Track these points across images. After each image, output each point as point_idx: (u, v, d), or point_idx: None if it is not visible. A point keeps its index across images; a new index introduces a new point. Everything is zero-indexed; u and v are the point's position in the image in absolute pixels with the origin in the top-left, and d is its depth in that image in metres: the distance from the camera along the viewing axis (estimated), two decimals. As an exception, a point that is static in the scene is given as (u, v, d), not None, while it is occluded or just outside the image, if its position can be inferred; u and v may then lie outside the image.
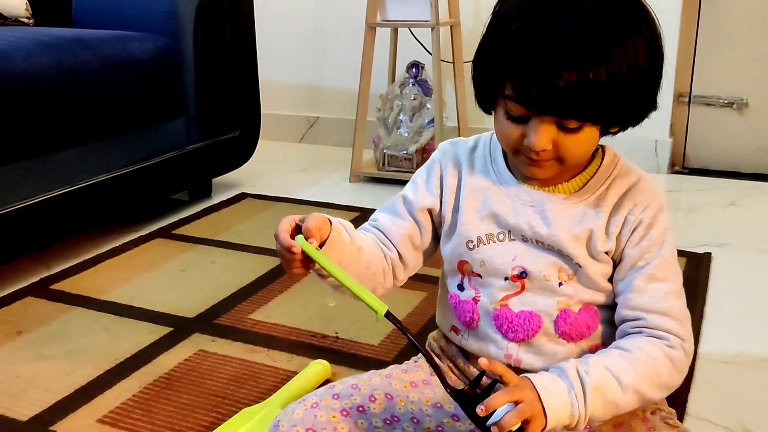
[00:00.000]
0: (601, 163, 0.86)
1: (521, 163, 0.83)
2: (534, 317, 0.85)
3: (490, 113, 0.84)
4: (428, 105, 2.35)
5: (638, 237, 0.83)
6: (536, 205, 0.85)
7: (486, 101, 0.83)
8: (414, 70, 2.39)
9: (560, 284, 0.85)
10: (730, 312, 1.45)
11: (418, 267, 0.95)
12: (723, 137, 2.45)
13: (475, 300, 0.88)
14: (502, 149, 0.88)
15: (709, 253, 1.72)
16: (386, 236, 0.92)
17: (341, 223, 0.85)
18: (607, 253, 0.84)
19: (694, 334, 1.31)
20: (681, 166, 2.50)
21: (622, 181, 0.85)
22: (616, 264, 0.85)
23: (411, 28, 2.46)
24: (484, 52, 0.81)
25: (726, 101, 2.42)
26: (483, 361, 0.75)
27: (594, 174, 0.86)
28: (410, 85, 2.38)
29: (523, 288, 0.86)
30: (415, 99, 2.35)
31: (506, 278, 0.86)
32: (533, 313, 0.85)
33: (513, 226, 0.86)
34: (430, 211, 0.92)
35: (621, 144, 0.88)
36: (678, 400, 1.12)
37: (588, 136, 0.79)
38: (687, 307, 0.85)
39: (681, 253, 1.71)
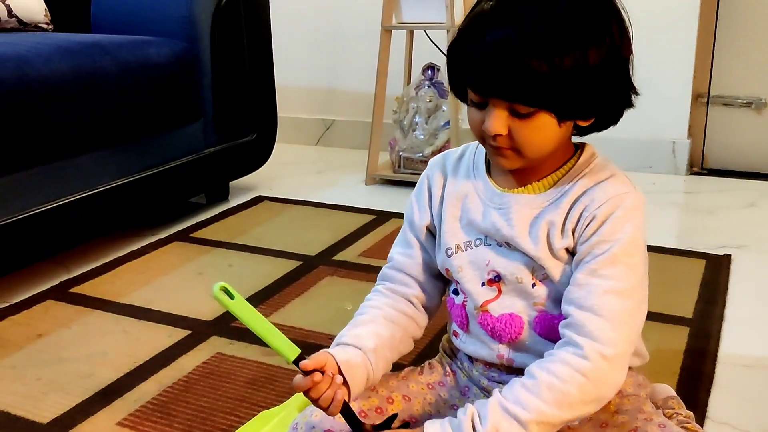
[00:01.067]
0: (576, 162, 0.85)
1: (489, 154, 0.85)
2: (515, 319, 0.86)
3: (467, 102, 0.85)
4: (444, 107, 2.34)
5: (590, 232, 0.81)
6: (503, 207, 0.86)
7: (458, 91, 0.85)
8: (429, 72, 2.39)
9: (533, 285, 0.85)
10: (751, 314, 1.43)
11: (443, 293, 0.96)
12: (741, 137, 2.43)
13: (463, 305, 0.90)
14: (485, 154, 0.89)
15: (729, 255, 1.71)
16: (404, 272, 0.93)
17: (343, 352, 0.85)
18: (567, 250, 0.83)
19: (714, 337, 1.31)
20: (699, 167, 2.47)
21: (589, 179, 0.83)
22: None
23: (426, 30, 2.46)
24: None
25: (744, 101, 2.40)
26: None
27: (566, 173, 0.85)
28: (426, 87, 2.37)
29: (500, 292, 0.87)
30: (430, 101, 2.34)
31: (483, 284, 0.87)
32: (513, 315, 0.86)
33: (484, 230, 0.87)
34: (428, 228, 0.93)
35: (638, 145, 0.88)
36: (698, 403, 1.11)
37: (542, 124, 0.78)
38: (706, 309, 0.84)
39: (700, 255, 1.70)
